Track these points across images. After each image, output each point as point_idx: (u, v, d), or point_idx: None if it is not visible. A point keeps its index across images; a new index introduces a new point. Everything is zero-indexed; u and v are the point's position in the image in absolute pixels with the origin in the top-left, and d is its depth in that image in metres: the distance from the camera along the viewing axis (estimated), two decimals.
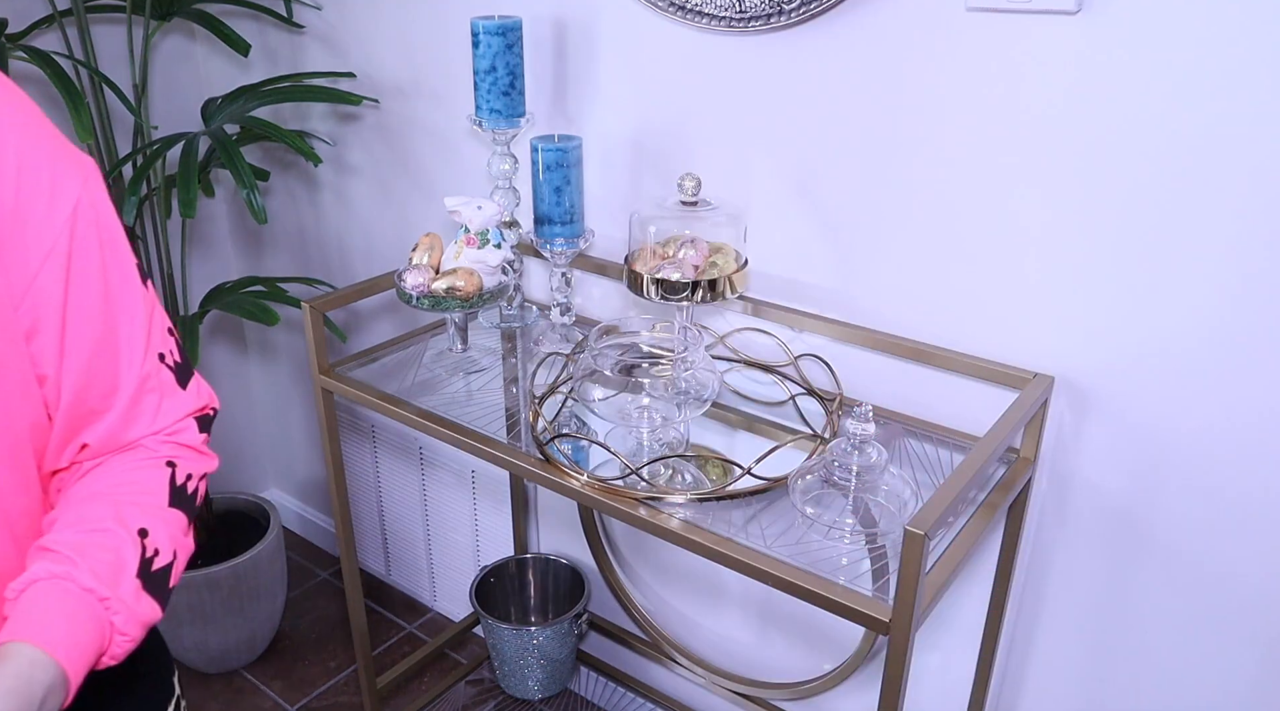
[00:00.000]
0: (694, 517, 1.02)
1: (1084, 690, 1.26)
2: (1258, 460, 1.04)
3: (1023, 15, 1.02)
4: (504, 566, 1.85)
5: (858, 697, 1.49)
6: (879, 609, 0.88)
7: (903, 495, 1.02)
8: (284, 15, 1.71)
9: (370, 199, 1.83)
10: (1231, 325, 1.01)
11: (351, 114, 1.77)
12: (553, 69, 1.44)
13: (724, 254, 1.19)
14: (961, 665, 1.35)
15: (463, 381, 1.35)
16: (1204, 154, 0.97)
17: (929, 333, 1.21)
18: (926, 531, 0.82)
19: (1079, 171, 1.04)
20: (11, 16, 1.57)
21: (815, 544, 0.98)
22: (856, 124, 1.18)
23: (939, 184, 1.14)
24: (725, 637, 1.64)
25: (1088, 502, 1.17)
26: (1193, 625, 1.14)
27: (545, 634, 1.72)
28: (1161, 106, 0.98)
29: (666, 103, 1.34)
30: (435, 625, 2.12)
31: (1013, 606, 1.27)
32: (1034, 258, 1.11)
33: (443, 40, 1.55)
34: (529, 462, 1.13)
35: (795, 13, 1.15)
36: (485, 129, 1.35)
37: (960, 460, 0.99)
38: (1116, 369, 1.09)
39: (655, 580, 1.70)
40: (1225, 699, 1.15)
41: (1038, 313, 1.13)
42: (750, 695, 1.61)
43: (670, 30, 1.29)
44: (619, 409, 1.17)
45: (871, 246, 1.22)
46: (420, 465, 1.97)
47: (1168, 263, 1.02)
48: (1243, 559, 1.08)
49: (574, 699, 1.86)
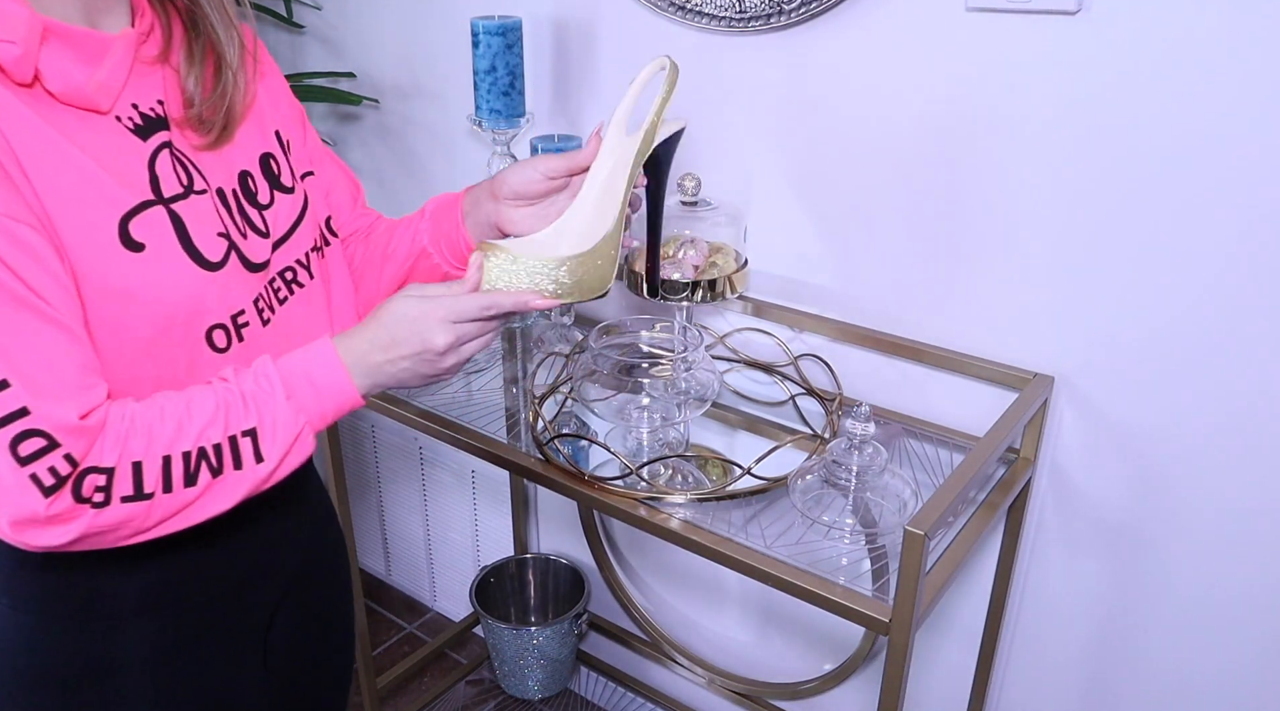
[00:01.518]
0: (694, 517, 1.02)
1: (1084, 690, 1.26)
2: (1258, 460, 1.04)
3: (1023, 15, 1.02)
4: (504, 566, 1.85)
5: (858, 697, 1.49)
6: (879, 609, 0.88)
7: (903, 495, 1.02)
8: (284, 15, 1.71)
9: (370, 199, 1.82)
10: (1232, 326, 1.01)
11: (351, 114, 1.77)
12: (553, 69, 1.44)
13: (724, 254, 1.19)
14: (961, 665, 1.35)
15: (463, 381, 1.35)
16: (1205, 154, 0.97)
17: (929, 333, 1.21)
18: (926, 531, 0.82)
19: (1079, 171, 1.04)
20: None
21: (815, 544, 0.98)
22: (856, 124, 1.18)
23: (939, 184, 1.14)
24: (725, 637, 1.64)
25: (1087, 502, 1.17)
26: (1192, 625, 1.14)
27: (545, 634, 1.72)
28: (1162, 106, 0.98)
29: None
30: (435, 625, 2.12)
31: (1013, 606, 1.27)
32: (1034, 258, 1.11)
33: (443, 40, 1.55)
34: (529, 462, 1.13)
35: (795, 13, 1.15)
36: (485, 129, 1.35)
37: (960, 460, 0.99)
38: (1117, 369, 1.09)
39: (655, 580, 1.70)
40: (1226, 698, 1.15)
41: (1038, 313, 1.13)
42: (750, 695, 1.61)
43: (670, 30, 1.29)
44: (619, 409, 1.17)
45: (871, 246, 1.22)
46: (420, 465, 1.97)
47: (1167, 263, 1.02)
48: (1242, 558, 1.08)
49: (574, 699, 1.86)
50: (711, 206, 1.20)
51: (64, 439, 0.64)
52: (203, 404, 0.71)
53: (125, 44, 0.72)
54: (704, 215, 1.20)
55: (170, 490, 0.68)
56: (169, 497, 0.69)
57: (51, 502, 0.64)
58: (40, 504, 0.63)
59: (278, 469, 0.73)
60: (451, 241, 0.94)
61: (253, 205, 0.79)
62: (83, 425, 0.65)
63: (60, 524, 0.65)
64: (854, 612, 0.89)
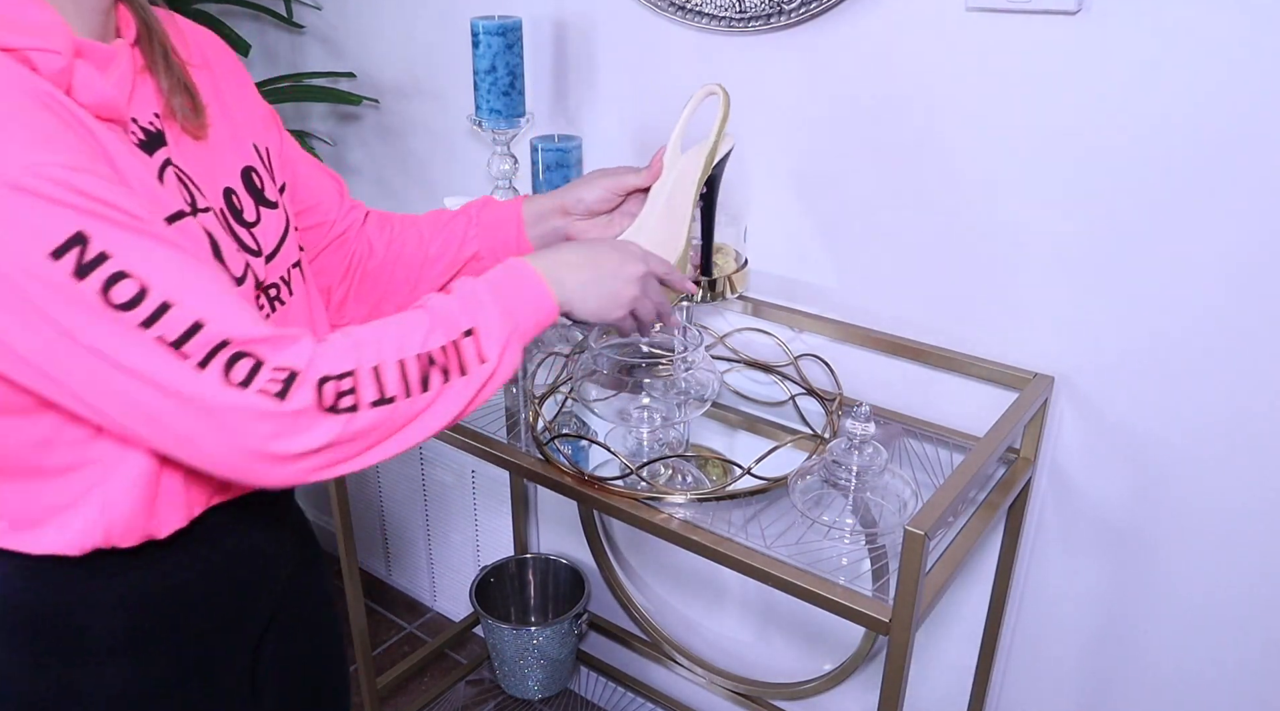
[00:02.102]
0: (694, 517, 1.02)
1: (1084, 690, 1.26)
2: (1258, 460, 1.04)
3: (1023, 15, 1.02)
4: (504, 566, 1.85)
5: (858, 697, 1.49)
6: (879, 609, 0.88)
7: (903, 495, 1.02)
8: (284, 15, 1.71)
9: (370, 199, 1.83)
10: (1232, 325, 1.01)
11: (351, 114, 1.77)
12: (553, 69, 1.44)
13: (723, 254, 1.19)
14: (961, 665, 1.35)
15: None
16: (1205, 153, 0.97)
17: (929, 332, 1.21)
18: (926, 531, 0.82)
19: (1079, 171, 1.04)
20: None
21: (815, 544, 0.98)
22: (856, 124, 1.18)
23: (939, 184, 1.14)
24: (725, 637, 1.64)
25: (1087, 502, 1.17)
26: (1192, 625, 1.14)
27: (545, 634, 1.72)
28: (1162, 106, 0.98)
29: (666, 103, 1.33)
30: (435, 625, 2.12)
31: (1013, 606, 1.27)
32: (1034, 258, 1.11)
33: (442, 40, 1.55)
34: (529, 462, 1.13)
35: (795, 13, 1.15)
36: (485, 129, 1.35)
37: (960, 460, 0.99)
38: (1117, 369, 1.09)
39: (655, 580, 1.70)
40: (1226, 698, 1.15)
41: (1038, 313, 1.12)
42: (750, 695, 1.61)
43: (670, 30, 1.29)
44: (619, 409, 1.17)
45: (871, 246, 1.22)
46: (420, 465, 1.97)
47: (1168, 263, 1.02)
48: (1242, 558, 1.08)
49: (574, 699, 1.86)
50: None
51: (272, 354, 0.63)
52: (416, 317, 0.71)
53: (125, 55, 0.70)
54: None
55: (410, 395, 0.68)
56: (408, 403, 0.68)
57: (289, 403, 0.62)
58: (277, 407, 0.62)
59: (497, 370, 0.73)
60: (512, 251, 0.97)
61: (240, 224, 0.78)
62: (284, 335, 0.64)
63: (306, 431, 0.63)
64: (854, 612, 0.89)
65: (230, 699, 0.85)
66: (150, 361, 0.59)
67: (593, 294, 0.82)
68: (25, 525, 0.71)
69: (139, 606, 0.76)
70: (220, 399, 0.61)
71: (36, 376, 0.61)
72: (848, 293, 1.27)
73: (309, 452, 0.64)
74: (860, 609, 0.89)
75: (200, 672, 0.81)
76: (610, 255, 0.84)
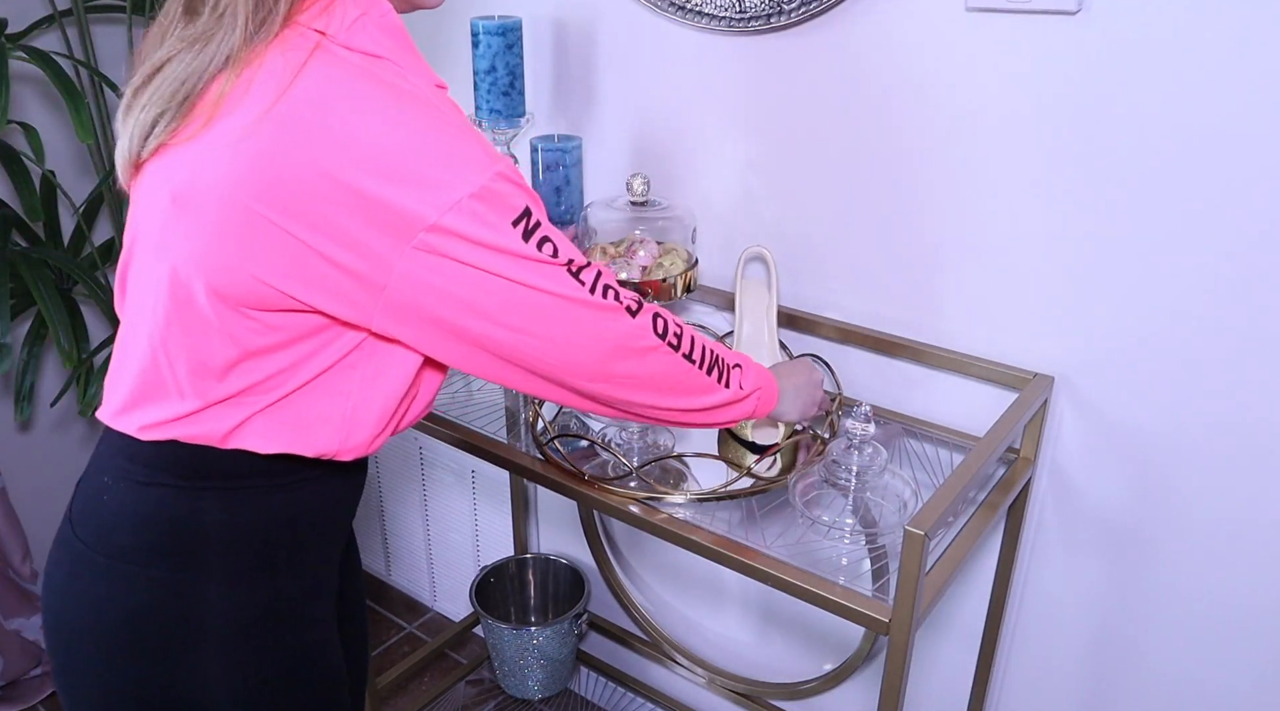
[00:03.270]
0: (694, 518, 1.02)
1: (1084, 690, 1.26)
2: (1258, 460, 1.04)
3: (1023, 15, 1.02)
4: (504, 566, 1.85)
5: (858, 697, 1.49)
6: (879, 609, 0.88)
7: (903, 495, 1.02)
8: None
9: None
10: (1232, 325, 1.01)
11: None
12: (553, 69, 1.44)
13: (674, 255, 1.20)
14: (961, 665, 1.35)
15: (463, 381, 1.35)
16: (1205, 153, 0.97)
17: (929, 333, 1.21)
18: (926, 531, 0.82)
19: (1080, 171, 1.04)
20: (11, 16, 1.57)
21: (815, 544, 0.98)
22: (857, 124, 1.18)
23: (939, 184, 1.14)
24: (725, 637, 1.64)
25: (1088, 502, 1.17)
26: (1192, 625, 1.14)
27: (545, 634, 1.72)
28: (1162, 106, 0.98)
29: (666, 103, 1.34)
30: (435, 625, 2.12)
31: (1012, 606, 1.27)
32: (1034, 258, 1.11)
33: (442, 40, 1.55)
34: (529, 462, 1.13)
35: (795, 13, 1.15)
36: (485, 129, 1.35)
37: (960, 460, 0.99)
38: (1117, 369, 1.09)
39: (655, 580, 1.70)
40: (1226, 698, 1.15)
41: (1038, 313, 1.12)
42: (750, 695, 1.61)
43: (670, 30, 1.29)
44: None
45: (872, 246, 1.22)
46: (420, 465, 1.97)
47: (1168, 262, 1.02)
48: (1242, 558, 1.08)
49: (574, 699, 1.86)
50: (662, 206, 1.22)
51: (623, 292, 0.80)
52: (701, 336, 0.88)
53: None
54: (651, 215, 1.22)
55: (702, 367, 0.85)
56: (695, 375, 0.85)
57: (640, 319, 0.80)
58: (632, 323, 0.79)
59: (743, 401, 0.91)
60: None
61: None
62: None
63: (644, 354, 0.80)
64: (854, 612, 0.89)
65: (329, 620, 0.90)
66: (564, 285, 0.76)
67: (796, 392, 1.01)
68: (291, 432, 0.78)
69: (307, 519, 0.84)
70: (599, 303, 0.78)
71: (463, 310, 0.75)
72: (847, 293, 1.27)
73: (640, 349, 0.80)
74: (860, 609, 0.89)
75: (324, 591, 0.88)
76: (801, 370, 1.05)
